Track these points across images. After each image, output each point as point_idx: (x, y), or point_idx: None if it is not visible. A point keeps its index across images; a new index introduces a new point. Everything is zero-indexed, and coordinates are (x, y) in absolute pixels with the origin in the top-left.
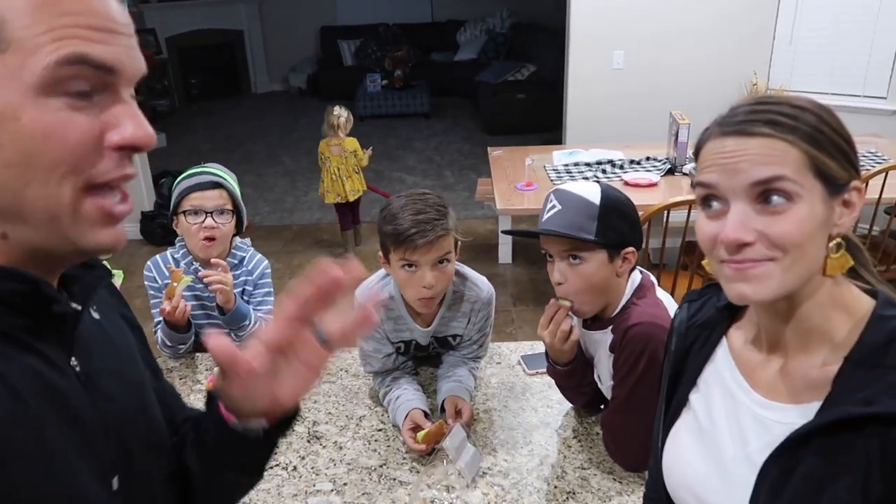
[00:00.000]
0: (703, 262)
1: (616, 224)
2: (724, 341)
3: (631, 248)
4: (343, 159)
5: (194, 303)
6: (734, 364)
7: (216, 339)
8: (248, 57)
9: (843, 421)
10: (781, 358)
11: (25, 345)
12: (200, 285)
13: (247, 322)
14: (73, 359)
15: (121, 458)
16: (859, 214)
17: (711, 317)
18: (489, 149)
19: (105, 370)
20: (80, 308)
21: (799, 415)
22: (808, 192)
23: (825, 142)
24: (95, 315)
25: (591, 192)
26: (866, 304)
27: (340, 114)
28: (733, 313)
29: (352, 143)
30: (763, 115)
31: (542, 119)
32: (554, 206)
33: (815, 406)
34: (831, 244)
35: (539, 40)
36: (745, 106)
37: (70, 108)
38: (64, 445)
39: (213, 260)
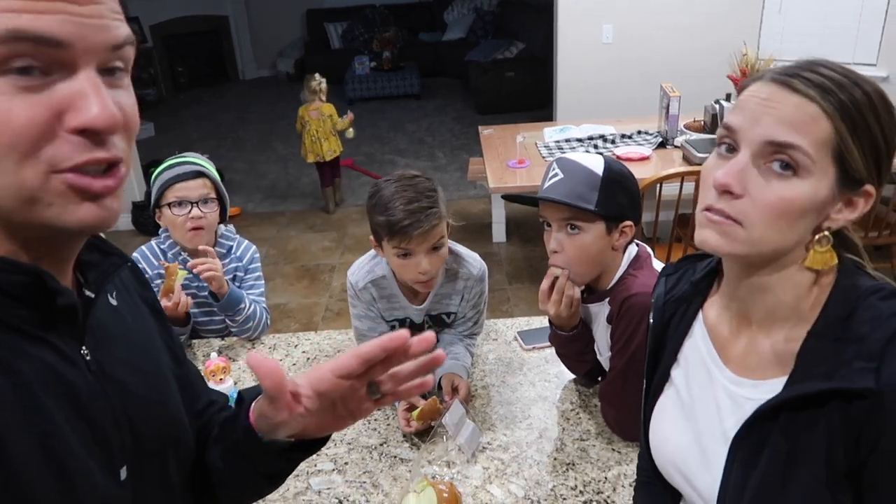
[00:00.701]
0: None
1: (617, 196)
2: (699, 316)
3: (629, 222)
4: (321, 122)
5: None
6: (709, 339)
7: (264, 363)
8: (235, 43)
9: (805, 396)
10: (750, 333)
11: (35, 337)
12: (190, 275)
13: (241, 306)
14: (83, 348)
15: (131, 448)
16: (858, 217)
17: (687, 291)
18: (480, 128)
19: (119, 360)
20: (93, 296)
21: (767, 391)
22: (819, 172)
23: (862, 129)
24: (113, 301)
25: (595, 163)
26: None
27: (320, 81)
28: (709, 286)
29: (329, 108)
30: (815, 76)
31: (532, 96)
32: (556, 175)
33: (781, 381)
34: (818, 235)
35: (527, 17)
36: (807, 62)
37: (16, 88)
38: (72, 436)
39: (200, 247)
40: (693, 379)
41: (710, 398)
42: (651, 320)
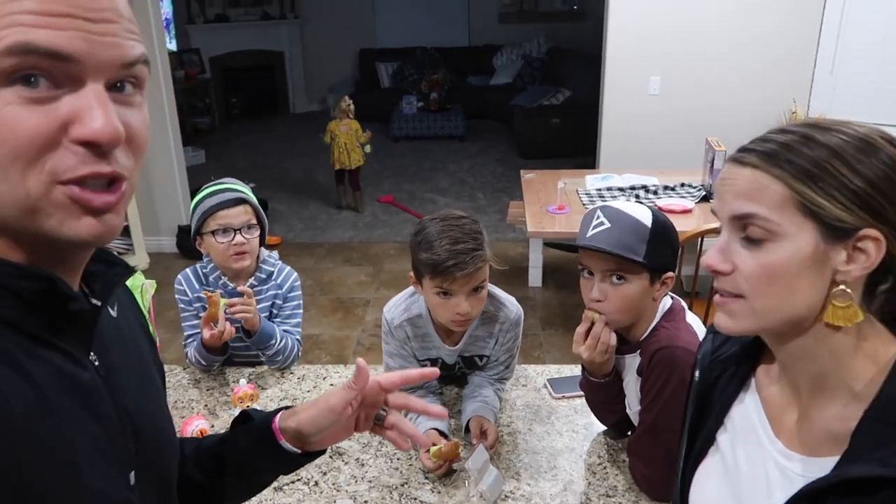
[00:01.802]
0: None
1: (663, 248)
2: (752, 381)
3: (671, 273)
4: (349, 136)
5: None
6: (761, 407)
7: (366, 372)
8: (288, 77)
9: (856, 480)
10: (801, 404)
11: (46, 341)
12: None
13: (272, 342)
14: (92, 354)
15: (138, 453)
16: (873, 265)
17: (736, 352)
18: (522, 172)
19: (121, 367)
20: (99, 304)
21: (818, 469)
22: (795, 230)
23: (826, 179)
24: (113, 313)
25: (643, 214)
26: (893, 351)
27: (349, 102)
28: (759, 350)
29: (355, 124)
30: (764, 145)
31: (576, 143)
32: (602, 223)
33: (832, 461)
34: (835, 290)
35: (575, 65)
36: (762, 134)
37: (24, 100)
38: (84, 439)
39: (239, 288)
40: (740, 446)
41: (760, 469)
42: (696, 377)
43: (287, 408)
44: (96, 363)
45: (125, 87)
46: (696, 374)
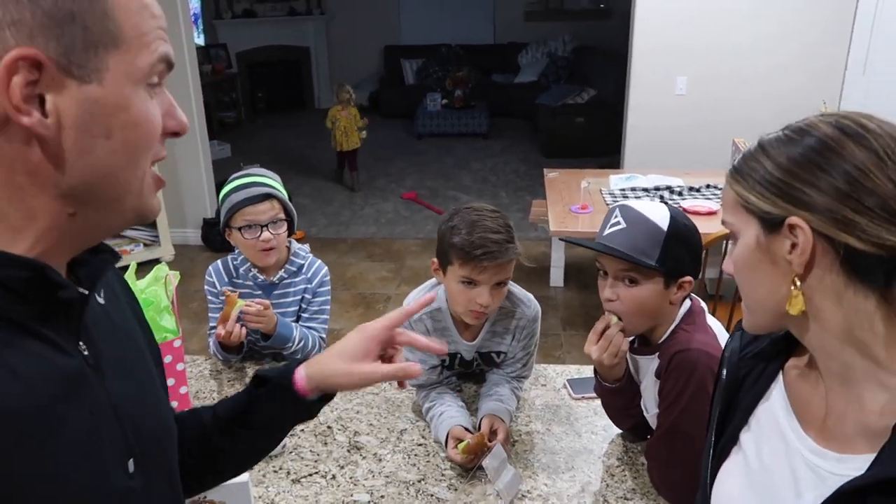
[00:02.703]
0: None
1: (679, 253)
2: (779, 377)
3: (688, 278)
4: (349, 121)
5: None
6: (788, 403)
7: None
8: (314, 72)
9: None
10: (831, 399)
11: (33, 331)
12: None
13: (289, 344)
14: (80, 343)
15: (134, 441)
16: (806, 253)
17: (766, 349)
18: (545, 170)
19: (111, 354)
20: (86, 293)
21: (854, 467)
22: (744, 228)
23: (751, 175)
24: (101, 300)
25: (660, 216)
26: None
27: (350, 90)
28: (790, 346)
29: (354, 111)
30: (737, 162)
31: (600, 143)
32: (618, 223)
33: (869, 458)
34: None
35: (600, 64)
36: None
37: (151, 98)
38: (78, 430)
39: (256, 301)
40: (764, 445)
41: (786, 469)
42: (723, 376)
43: (300, 361)
44: (85, 352)
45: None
46: (724, 372)
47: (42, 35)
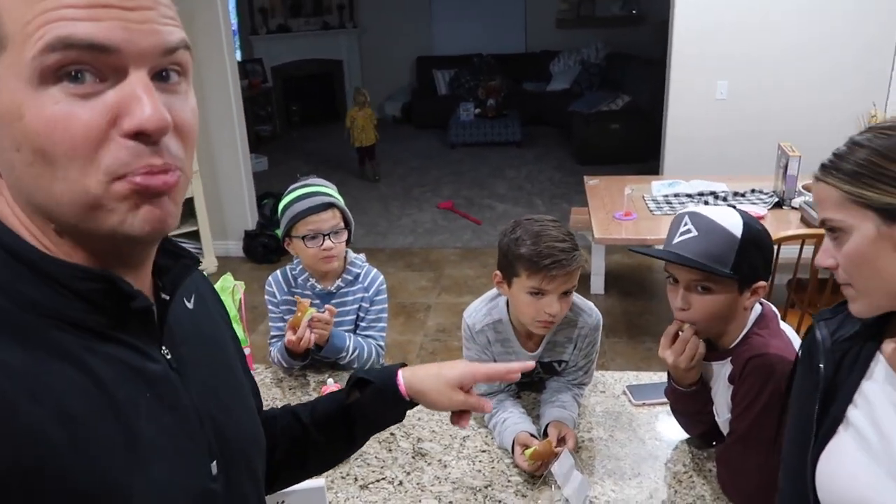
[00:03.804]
0: None
1: (753, 258)
2: (878, 356)
3: (762, 283)
4: (365, 119)
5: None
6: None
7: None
8: (347, 85)
9: None
10: None
11: (113, 338)
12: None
13: (343, 354)
14: (163, 347)
15: (217, 444)
16: None
17: (859, 331)
18: (585, 177)
19: (198, 361)
20: (168, 298)
21: None
22: (858, 222)
23: (868, 174)
24: (189, 305)
25: (733, 222)
26: None
27: (366, 93)
28: (883, 326)
29: (369, 111)
30: (827, 160)
31: (635, 149)
32: (689, 231)
33: None
34: None
35: (634, 70)
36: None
37: (73, 96)
38: (156, 431)
39: (327, 306)
40: (882, 418)
41: None
42: (821, 363)
43: (402, 365)
44: (168, 356)
45: (170, 75)
46: (821, 359)
47: None
